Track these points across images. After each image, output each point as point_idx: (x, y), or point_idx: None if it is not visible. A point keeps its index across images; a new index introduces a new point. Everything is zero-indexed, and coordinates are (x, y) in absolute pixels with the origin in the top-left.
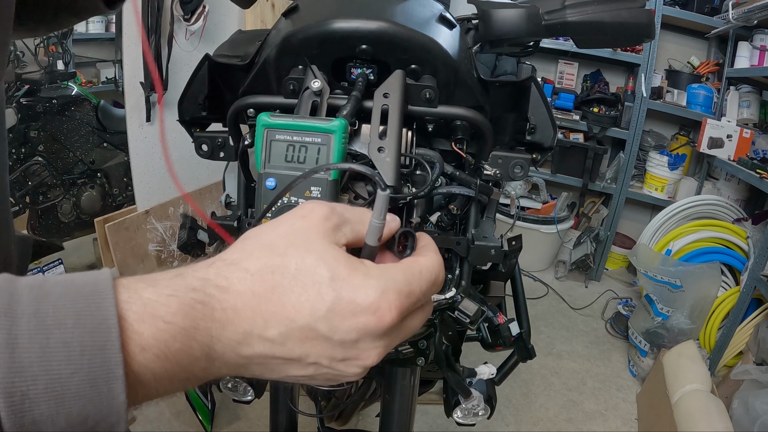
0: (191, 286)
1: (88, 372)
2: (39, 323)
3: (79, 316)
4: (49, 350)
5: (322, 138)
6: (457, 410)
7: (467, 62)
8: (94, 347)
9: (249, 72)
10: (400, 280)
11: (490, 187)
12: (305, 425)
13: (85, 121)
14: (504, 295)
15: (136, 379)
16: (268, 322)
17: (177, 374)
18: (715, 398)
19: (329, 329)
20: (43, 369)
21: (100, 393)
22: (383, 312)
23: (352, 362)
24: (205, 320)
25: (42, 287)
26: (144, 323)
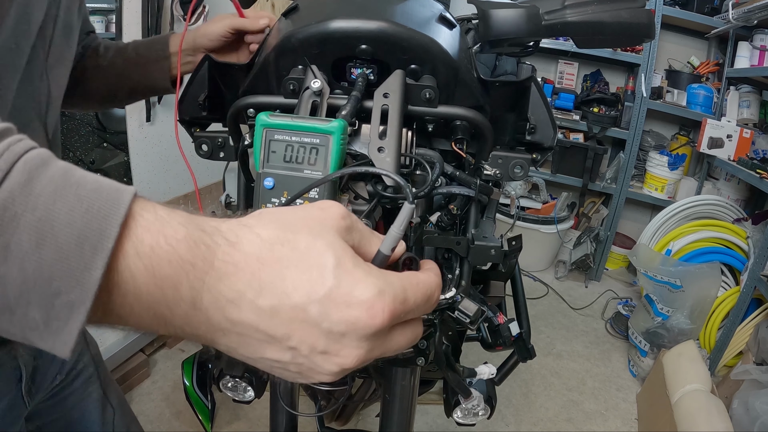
0: (202, 227)
1: (82, 230)
2: (64, 174)
3: (99, 187)
4: (61, 195)
5: (321, 139)
6: (457, 410)
7: (467, 62)
8: (99, 212)
9: (249, 72)
10: (398, 286)
11: (490, 187)
12: (305, 425)
13: (85, 121)
14: (504, 295)
15: (118, 279)
16: (263, 289)
17: (156, 303)
18: (715, 398)
19: (320, 314)
20: (44, 205)
21: (82, 256)
22: (376, 311)
23: (330, 358)
24: (204, 262)
25: (71, 167)
26: (148, 232)
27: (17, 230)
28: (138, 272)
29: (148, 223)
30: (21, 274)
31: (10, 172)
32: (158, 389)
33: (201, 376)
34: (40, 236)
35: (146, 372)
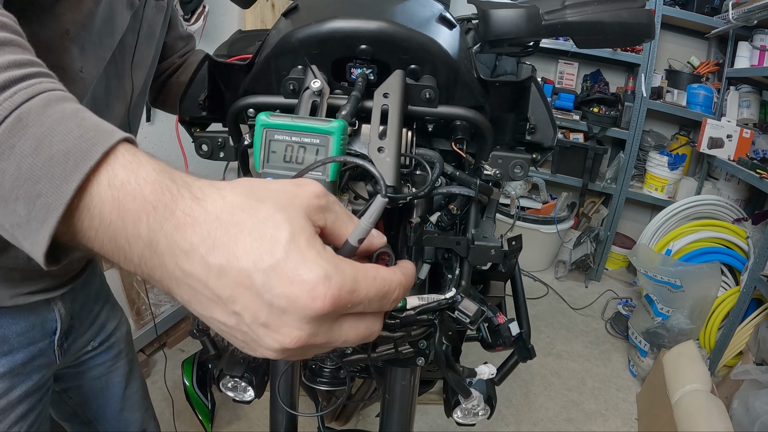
0: (173, 178)
1: (71, 148)
2: (77, 110)
3: (100, 124)
4: (65, 121)
5: (321, 139)
6: (457, 410)
7: (467, 62)
8: (89, 140)
9: (249, 72)
10: (348, 275)
11: (490, 187)
12: (305, 425)
13: None
14: (504, 295)
15: (89, 202)
16: (215, 248)
17: (118, 235)
18: (715, 398)
19: (263, 285)
20: (51, 119)
21: (65, 167)
22: (317, 293)
23: (271, 333)
24: (164, 208)
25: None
26: (124, 169)
27: (24, 136)
28: (106, 200)
29: (126, 161)
30: (17, 171)
31: (33, 98)
32: (158, 389)
33: (201, 376)
34: (39, 144)
35: (146, 372)
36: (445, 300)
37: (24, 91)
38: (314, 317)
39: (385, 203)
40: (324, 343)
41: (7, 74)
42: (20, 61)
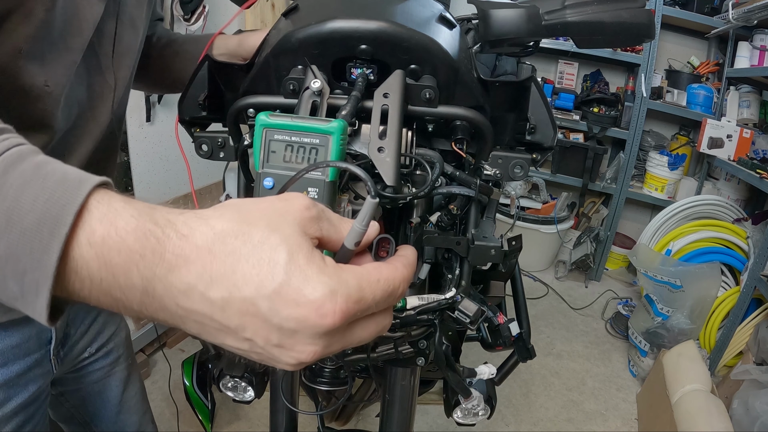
0: (154, 219)
1: (41, 217)
2: (35, 169)
3: (65, 180)
4: (28, 186)
5: (321, 139)
6: (457, 410)
7: (467, 62)
8: (57, 202)
9: (249, 72)
10: (352, 285)
11: (490, 187)
12: (305, 425)
13: None
14: (504, 295)
15: (75, 265)
16: (214, 282)
17: (111, 289)
18: (715, 398)
19: (269, 310)
20: (14, 195)
21: (41, 239)
22: (326, 311)
23: (286, 351)
24: (153, 254)
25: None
26: (101, 224)
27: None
28: (90, 260)
29: (101, 214)
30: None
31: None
32: (158, 389)
33: (201, 376)
34: (9, 220)
35: (146, 372)
36: (445, 300)
37: None
38: (326, 333)
39: (375, 204)
40: (340, 349)
41: None
42: None
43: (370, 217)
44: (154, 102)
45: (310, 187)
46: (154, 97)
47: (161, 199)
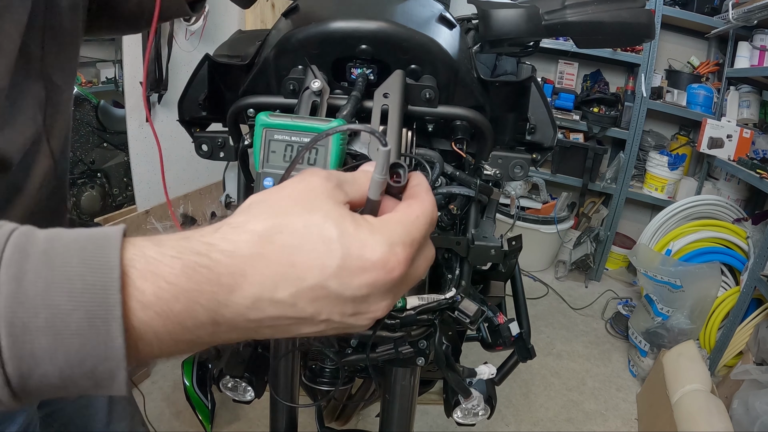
0: (195, 250)
1: (88, 310)
2: (47, 260)
3: (85, 256)
4: (53, 285)
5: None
6: (457, 410)
7: (467, 62)
8: (95, 286)
9: (249, 72)
10: (402, 232)
11: (490, 187)
12: (305, 425)
13: (85, 121)
14: (504, 295)
15: (137, 333)
16: (277, 284)
17: (181, 335)
18: (715, 398)
19: (340, 286)
20: (45, 302)
21: (98, 333)
22: (392, 266)
23: (362, 315)
24: (210, 284)
25: (58, 233)
26: (146, 281)
27: (33, 336)
28: (152, 320)
29: (142, 271)
30: (56, 367)
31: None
32: (158, 389)
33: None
34: (56, 333)
35: (146, 372)
36: (445, 300)
37: None
38: (396, 282)
39: (389, 151)
40: (407, 289)
41: None
42: None
43: (386, 167)
44: (154, 102)
45: None
46: (154, 97)
47: (161, 199)
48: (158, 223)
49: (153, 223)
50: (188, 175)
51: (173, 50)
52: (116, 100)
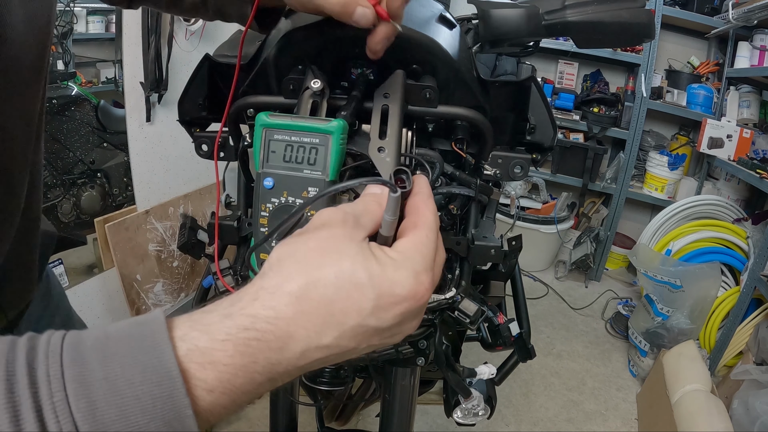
0: (242, 326)
1: (162, 417)
2: (111, 386)
3: (145, 371)
4: (125, 408)
5: (321, 138)
6: (457, 410)
7: (467, 62)
8: (162, 396)
9: (249, 72)
10: (421, 260)
11: (490, 187)
12: (305, 425)
13: (85, 121)
14: (504, 295)
15: (207, 413)
16: (321, 333)
17: (243, 398)
18: (715, 398)
19: (378, 321)
20: (123, 425)
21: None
22: (421, 294)
23: (397, 336)
24: (262, 352)
25: (105, 347)
26: (206, 371)
27: None
28: (218, 399)
29: (199, 365)
30: None
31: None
32: None
33: None
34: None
35: None
36: (445, 300)
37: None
38: (425, 304)
39: (398, 198)
40: None
41: None
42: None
43: (397, 210)
44: (154, 102)
45: (310, 187)
46: (154, 97)
47: (161, 199)
48: (158, 223)
49: (153, 222)
50: (188, 175)
51: (173, 50)
52: (116, 100)
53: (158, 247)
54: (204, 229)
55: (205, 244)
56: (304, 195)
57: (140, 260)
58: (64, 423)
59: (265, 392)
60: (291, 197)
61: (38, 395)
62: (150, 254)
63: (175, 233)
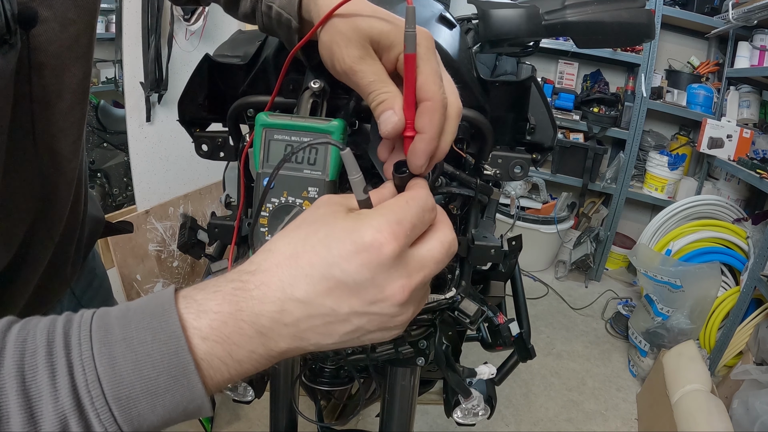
0: (229, 278)
1: (169, 371)
2: (128, 345)
3: (155, 333)
4: (138, 363)
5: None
6: (457, 410)
7: (467, 62)
8: (169, 353)
9: (249, 72)
10: (387, 215)
11: (490, 187)
12: (305, 425)
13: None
14: (504, 295)
15: (206, 364)
16: (293, 284)
17: (240, 353)
18: (715, 398)
19: (342, 272)
20: (137, 377)
21: (182, 385)
22: (380, 242)
23: (383, 303)
24: (246, 301)
25: (125, 316)
26: (200, 319)
27: (136, 402)
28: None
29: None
30: (158, 417)
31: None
32: None
33: None
34: (151, 395)
35: None
36: (445, 300)
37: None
38: (395, 262)
39: (349, 152)
40: (427, 276)
41: None
42: None
43: (355, 166)
44: (154, 102)
45: (310, 187)
46: (154, 97)
47: (161, 199)
48: (158, 223)
49: (153, 222)
50: (188, 175)
51: (173, 50)
52: (116, 100)
53: (158, 247)
54: (204, 229)
55: (205, 244)
56: (304, 194)
57: (140, 260)
58: (89, 374)
59: (265, 358)
60: (291, 197)
61: (71, 355)
62: (150, 254)
63: (175, 233)
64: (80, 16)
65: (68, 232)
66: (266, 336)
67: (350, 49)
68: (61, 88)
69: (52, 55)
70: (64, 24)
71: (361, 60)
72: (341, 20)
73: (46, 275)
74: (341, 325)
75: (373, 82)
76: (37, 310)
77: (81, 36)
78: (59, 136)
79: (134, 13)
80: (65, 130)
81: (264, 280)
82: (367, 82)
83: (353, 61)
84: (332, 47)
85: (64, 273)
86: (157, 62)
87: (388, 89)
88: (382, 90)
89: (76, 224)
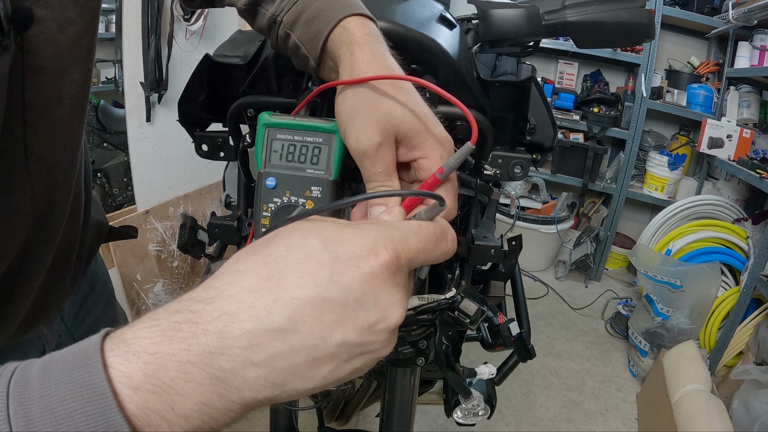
0: (173, 310)
1: None
2: (46, 404)
3: (76, 388)
4: (59, 425)
5: (324, 138)
6: (457, 410)
7: (467, 62)
8: (95, 414)
9: (249, 72)
10: (390, 228)
11: (490, 187)
12: (305, 425)
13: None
14: (504, 295)
15: (143, 422)
16: (271, 311)
17: (186, 406)
18: (715, 398)
19: (340, 291)
20: None
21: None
22: (380, 252)
23: (379, 325)
24: (195, 338)
25: (47, 368)
26: (129, 363)
27: None
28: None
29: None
30: None
31: None
32: None
33: None
34: None
35: None
36: (445, 300)
37: None
38: (392, 273)
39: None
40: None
41: None
42: None
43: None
44: (154, 102)
45: (313, 186)
46: (154, 97)
47: (161, 199)
48: (158, 223)
49: (153, 222)
50: (188, 175)
51: (173, 50)
52: (116, 100)
53: (158, 247)
54: (204, 229)
55: (205, 244)
56: (307, 194)
57: (140, 260)
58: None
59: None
60: (294, 197)
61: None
62: (150, 254)
63: (175, 233)
64: (81, 16)
65: (67, 244)
66: (225, 383)
67: (373, 132)
68: (60, 93)
69: (49, 59)
70: (63, 24)
71: (379, 147)
72: (376, 94)
73: (43, 291)
74: (328, 363)
75: (380, 173)
76: (36, 322)
77: (81, 37)
78: (56, 147)
79: (134, 13)
80: (63, 139)
81: (227, 309)
82: (375, 172)
83: (371, 146)
84: (355, 116)
85: (64, 285)
86: (157, 62)
87: (391, 184)
88: (385, 183)
89: (75, 236)
